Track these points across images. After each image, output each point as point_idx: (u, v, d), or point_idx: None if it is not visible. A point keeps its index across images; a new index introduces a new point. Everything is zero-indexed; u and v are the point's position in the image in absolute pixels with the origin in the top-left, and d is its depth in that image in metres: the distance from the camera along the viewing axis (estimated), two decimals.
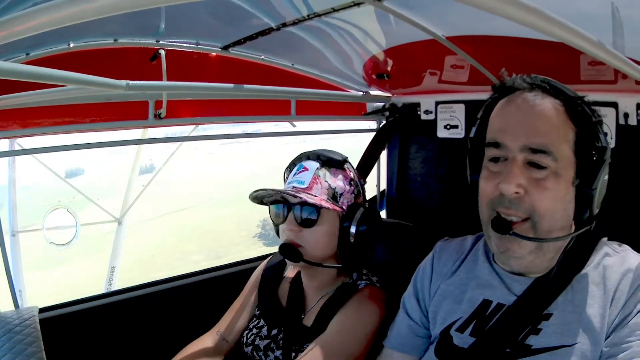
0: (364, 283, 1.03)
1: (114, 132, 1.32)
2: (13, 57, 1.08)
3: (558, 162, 0.68)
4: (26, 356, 0.94)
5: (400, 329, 0.89)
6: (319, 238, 0.99)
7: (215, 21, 1.16)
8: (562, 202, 0.69)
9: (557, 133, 0.68)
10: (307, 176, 1.01)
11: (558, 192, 0.68)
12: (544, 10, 0.45)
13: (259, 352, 1.04)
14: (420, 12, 0.99)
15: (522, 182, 0.68)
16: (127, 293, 1.32)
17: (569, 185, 0.69)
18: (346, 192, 1.02)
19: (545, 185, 0.68)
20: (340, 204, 1.01)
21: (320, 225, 0.99)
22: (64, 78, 0.74)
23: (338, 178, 1.02)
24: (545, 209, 0.68)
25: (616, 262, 0.72)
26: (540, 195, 0.68)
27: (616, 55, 0.60)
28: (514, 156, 0.69)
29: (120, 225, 4.21)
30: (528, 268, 0.75)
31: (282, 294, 1.12)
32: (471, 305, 0.79)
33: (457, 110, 1.58)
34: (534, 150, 0.68)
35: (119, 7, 0.34)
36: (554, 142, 0.67)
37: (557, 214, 0.69)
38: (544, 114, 0.69)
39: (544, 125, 0.68)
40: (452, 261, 0.87)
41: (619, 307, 0.67)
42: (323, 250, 1.00)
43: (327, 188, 1.00)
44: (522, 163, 0.69)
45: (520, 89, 0.72)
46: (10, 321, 1.02)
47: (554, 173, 0.68)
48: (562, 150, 0.68)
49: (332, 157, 1.04)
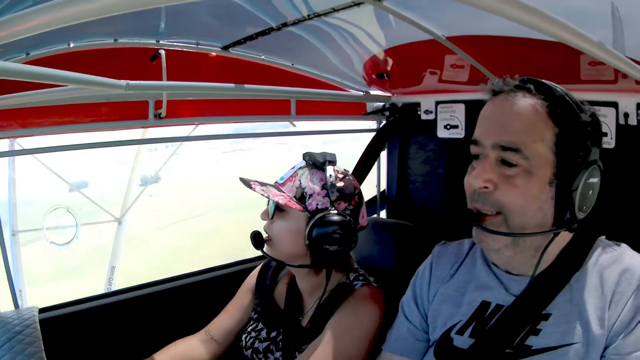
0: (360, 283, 1.02)
1: (114, 132, 1.32)
2: (13, 57, 1.08)
3: (530, 161, 0.68)
4: (26, 356, 0.94)
5: (400, 332, 0.89)
6: (282, 233, 1.01)
7: (215, 21, 1.16)
8: (536, 201, 0.70)
9: (530, 132, 0.69)
10: (288, 173, 1.05)
11: (529, 190, 0.69)
12: (544, 10, 0.45)
13: (259, 354, 1.03)
14: (420, 12, 0.99)
15: (492, 178, 0.70)
16: (127, 293, 1.32)
17: (544, 184, 0.69)
18: (316, 194, 0.99)
19: (514, 182, 0.69)
20: (307, 204, 0.99)
21: (286, 221, 1.00)
22: (64, 78, 0.74)
23: (313, 180, 1.01)
24: (514, 204, 0.70)
25: (613, 262, 0.72)
26: (509, 192, 0.70)
27: (616, 55, 0.60)
28: (487, 153, 0.72)
29: (120, 225, 4.21)
30: (510, 264, 0.77)
31: (279, 296, 1.12)
32: (470, 307, 0.79)
33: (457, 110, 1.58)
34: (504, 148, 0.70)
35: (119, 7, 0.34)
36: (524, 141, 0.68)
37: (528, 211, 0.70)
38: (517, 113, 0.70)
39: (515, 124, 0.70)
40: (450, 265, 0.88)
41: (619, 309, 0.67)
42: (288, 246, 1.01)
43: (297, 187, 1.01)
44: (495, 160, 0.71)
45: (505, 91, 0.74)
46: (10, 321, 1.02)
47: (525, 171, 0.69)
48: (535, 149, 0.68)
49: (317, 158, 1.03)
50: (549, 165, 0.69)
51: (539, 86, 0.71)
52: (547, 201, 0.70)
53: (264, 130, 1.76)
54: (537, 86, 0.71)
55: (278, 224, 1.01)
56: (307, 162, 1.05)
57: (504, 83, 0.74)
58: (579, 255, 0.74)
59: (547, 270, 0.74)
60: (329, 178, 1.00)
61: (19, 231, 3.66)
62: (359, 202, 1.05)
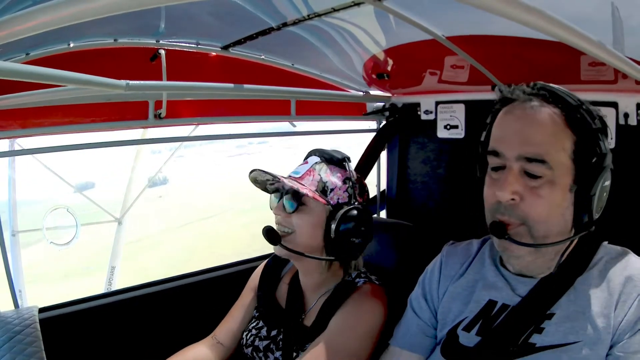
0: (362, 280, 1.03)
1: (114, 132, 1.32)
2: (13, 57, 1.08)
3: (554, 171, 0.70)
4: (26, 356, 0.94)
5: (409, 328, 0.90)
6: (304, 225, 1.01)
7: (215, 21, 1.16)
8: (559, 209, 0.71)
9: (553, 142, 0.70)
10: (303, 168, 1.05)
11: (553, 200, 0.70)
12: (544, 10, 0.45)
13: (259, 353, 1.04)
14: (420, 12, 0.99)
15: (518, 190, 0.71)
16: (127, 293, 1.32)
17: (566, 192, 0.71)
18: (337, 189, 1.02)
19: (540, 193, 0.70)
20: (329, 198, 1.01)
21: (307, 214, 1.01)
22: (64, 78, 0.74)
23: (333, 174, 1.04)
24: (539, 215, 0.71)
25: (619, 265, 0.73)
26: (535, 202, 0.71)
27: (616, 55, 0.61)
28: (510, 165, 0.72)
29: (120, 225, 4.21)
30: (529, 268, 0.78)
31: (281, 295, 1.12)
32: (477, 305, 0.81)
33: (457, 110, 1.58)
34: (529, 159, 0.70)
35: (119, 7, 0.34)
36: (549, 151, 0.69)
37: (552, 220, 0.72)
38: (539, 124, 0.71)
39: (539, 135, 0.70)
40: (459, 264, 0.89)
41: (625, 310, 0.68)
42: (308, 239, 1.02)
43: (318, 181, 1.02)
44: (519, 171, 0.72)
45: (520, 100, 0.74)
46: (10, 321, 1.02)
47: (549, 181, 0.70)
48: (558, 159, 0.70)
49: (333, 154, 1.06)
50: (569, 172, 0.71)
51: (554, 94, 0.72)
52: (568, 207, 0.72)
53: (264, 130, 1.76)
54: (551, 94, 0.72)
55: (300, 217, 1.01)
56: (323, 158, 1.06)
57: (520, 91, 0.74)
58: (583, 259, 0.76)
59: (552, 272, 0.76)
60: (351, 173, 1.04)
61: (19, 231, 3.66)
62: (369, 199, 1.10)
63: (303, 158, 1.12)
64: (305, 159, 1.11)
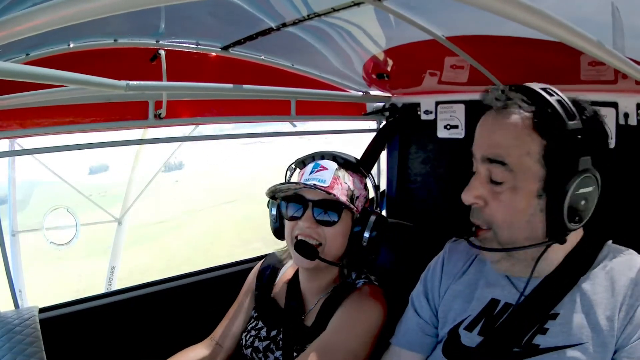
0: (362, 281, 1.04)
1: (114, 132, 1.32)
2: (13, 57, 1.08)
3: (516, 174, 0.70)
4: (26, 356, 0.94)
5: (409, 327, 0.90)
6: (337, 237, 1.01)
7: (215, 21, 1.16)
8: (522, 215, 0.71)
9: (516, 145, 0.70)
10: (327, 175, 1.01)
11: (515, 206, 0.71)
12: (544, 10, 0.45)
13: (259, 353, 1.04)
14: (420, 12, 0.99)
15: (482, 194, 0.74)
16: (127, 293, 1.32)
17: (532, 197, 0.70)
18: (361, 196, 1.04)
19: (500, 198, 0.72)
20: (356, 205, 1.02)
21: (339, 226, 1.00)
22: (64, 78, 0.74)
23: (355, 181, 1.04)
24: (502, 220, 0.73)
25: (624, 265, 0.72)
26: (497, 208, 0.73)
27: (616, 55, 0.60)
28: (479, 168, 0.75)
29: (120, 226, 4.21)
30: (511, 271, 0.79)
31: (279, 295, 1.12)
32: (480, 304, 0.81)
33: (457, 110, 1.58)
34: (490, 160, 0.72)
35: (119, 7, 0.34)
36: (510, 154, 0.70)
37: (516, 225, 0.72)
38: (503, 127, 0.71)
39: (501, 138, 0.71)
40: (462, 262, 0.89)
41: (631, 313, 0.67)
42: (339, 250, 1.02)
43: (347, 189, 1.01)
44: (485, 176, 0.74)
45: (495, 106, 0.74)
46: (10, 321, 1.02)
47: (511, 187, 0.71)
48: (520, 163, 0.69)
49: (349, 159, 1.05)
50: (536, 178, 0.70)
51: (531, 95, 0.71)
52: (535, 214, 0.71)
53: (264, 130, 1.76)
54: (528, 96, 0.71)
55: (333, 229, 1.00)
56: (341, 163, 1.04)
57: (495, 98, 0.74)
58: (587, 258, 0.75)
59: (556, 272, 0.75)
60: (370, 180, 1.06)
61: (19, 231, 3.65)
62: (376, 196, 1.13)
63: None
64: (304, 160, 1.10)
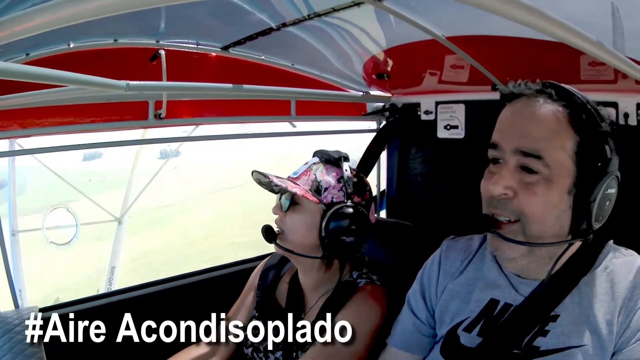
0: (364, 281, 1.03)
1: (114, 132, 1.32)
2: (13, 57, 1.08)
3: (551, 169, 0.67)
4: (26, 356, 0.94)
5: (405, 327, 0.89)
6: (296, 225, 1.02)
7: (215, 21, 1.16)
8: (555, 210, 0.69)
9: (552, 139, 0.68)
10: (302, 168, 1.07)
11: (549, 199, 0.68)
12: (544, 10, 0.45)
13: (259, 353, 1.04)
14: (420, 12, 0.99)
15: (512, 185, 0.69)
16: (127, 293, 1.32)
17: (564, 193, 0.69)
18: (331, 187, 1.02)
19: (535, 190, 0.68)
20: (323, 197, 1.01)
21: (300, 214, 1.02)
22: (64, 78, 0.74)
23: (328, 173, 1.04)
24: (533, 212, 0.68)
25: (624, 267, 0.72)
26: (530, 199, 0.68)
27: (616, 55, 0.60)
28: (506, 158, 0.71)
29: (120, 225, 4.21)
30: (524, 272, 0.76)
31: (281, 295, 1.12)
32: (478, 305, 0.79)
33: (457, 111, 1.58)
34: (525, 154, 0.68)
35: (119, 7, 0.34)
36: (546, 148, 0.67)
37: (547, 220, 0.69)
38: (539, 119, 0.69)
39: (537, 131, 0.68)
40: (459, 260, 0.87)
41: (630, 316, 0.67)
42: (301, 238, 1.02)
43: (312, 180, 1.03)
44: (515, 166, 0.70)
45: (526, 95, 0.72)
46: (10, 321, 1.02)
47: (546, 179, 0.68)
48: (555, 157, 0.67)
49: (331, 154, 1.07)
50: (569, 174, 0.68)
51: (560, 92, 0.70)
52: (565, 210, 0.69)
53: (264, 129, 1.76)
54: (558, 92, 0.70)
55: (292, 217, 1.03)
56: (321, 159, 1.07)
57: (525, 86, 0.72)
58: (588, 259, 0.74)
59: (557, 273, 0.74)
60: (345, 172, 1.03)
61: (19, 231, 3.66)
62: (370, 198, 1.08)
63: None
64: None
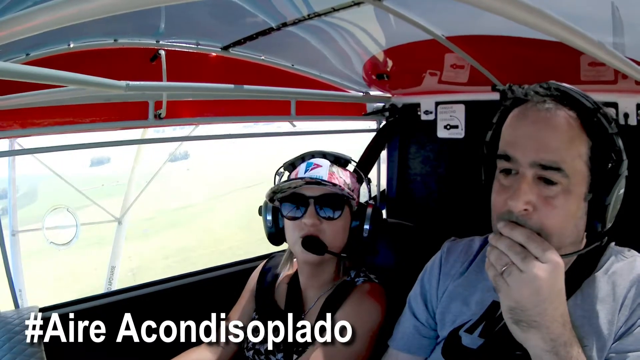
0: (362, 280, 1.04)
1: (114, 132, 1.32)
2: (13, 57, 1.08)
3: (570, 179, 0.65)
4: (26, 356, 0.94)
5: (406, 329, 0.89)
6: (339, 231, 1.02)
7: (215, 21, 1.16)
8: (573, 219, 0.68)
9: (569, 148, 0.66)
10: (323, 172, 1.02)
11: (568, 210, 0.66)
12: (544, 10, 0.45)
13: (260, 355, 1.04)
14: (420, 12, 0.99)
15: (531, 199, 0.66)
16: (127, 293, 1.32)
17: (581, 201, 0.67)
18: (356, 190, 1.06)
19: (554, 203, 0.65)
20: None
21: (341, 220, 1.02)
22: (64, 78, 0.74)
23: (348, 176, 1.06)
24: (554, 226, 0.66)
25: (625, 269, 0.72)
26: (550, 213, 0.65)
27: (616, 55, 0.60)
28: (523, 171, 0.67)
29: (120, 225, 4.21)
30: None
31: (280, 296, 1.12)
32: (481, 307, 0.79)
33: (457, 111, 1.58)
34: (544, 167, 0.65)
35: (119, 7, 0.34)
36: (565, 159, 0.65)
37: (566, 231, 0.68)
38: (555, 128, 0.65)
39: (555, 141, 0.65)
40: (460, 262, 0.87)
41: (626, 314, 0.67)
42: (340, 243, 1.03)
43: (343, 184, 1.02)
44: (532, 178, 0.66)
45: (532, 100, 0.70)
46: (10, 321, 1.02)
47: (565, 190, 0.65)
48: (574, 166, 0.65)
49: (339, 155, 1.07)
50: (585, 181, 0.67)
51: (568, 95, 0.68)
52: (582, 217, 0.69)
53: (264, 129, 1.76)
54: (566, 95, 0.68)
55: (334, 223, 1.01)
56: (332, 160, 1.07)
57: (533, 91, 0.69)
58: (590, 261, 0.74)
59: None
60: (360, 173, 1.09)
61: (19, 231, 3.66)
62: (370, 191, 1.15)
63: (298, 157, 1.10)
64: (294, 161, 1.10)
